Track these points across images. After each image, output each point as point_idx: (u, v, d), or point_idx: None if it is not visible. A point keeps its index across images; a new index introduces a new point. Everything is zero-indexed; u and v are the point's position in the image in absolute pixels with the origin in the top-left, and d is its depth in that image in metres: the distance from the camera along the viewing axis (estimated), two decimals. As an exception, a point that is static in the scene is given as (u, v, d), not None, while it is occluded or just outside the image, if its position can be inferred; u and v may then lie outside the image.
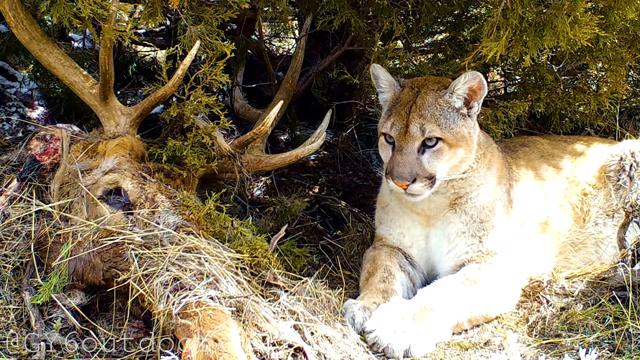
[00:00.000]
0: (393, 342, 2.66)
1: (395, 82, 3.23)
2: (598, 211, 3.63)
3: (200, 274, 2.51)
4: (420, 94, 3.10)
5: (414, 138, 3.00)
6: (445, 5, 4.06)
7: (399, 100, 3.14)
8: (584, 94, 4.14)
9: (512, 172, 3.49)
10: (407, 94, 3.13)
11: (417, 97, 3.08)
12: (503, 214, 3.27)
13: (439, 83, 3.17)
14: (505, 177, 3.38)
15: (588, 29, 3.00)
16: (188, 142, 3.20)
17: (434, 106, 3.05)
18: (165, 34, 5.06)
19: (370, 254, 3.35)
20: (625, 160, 3.68)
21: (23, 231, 2.90)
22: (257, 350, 2.31)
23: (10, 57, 4.49)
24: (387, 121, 3.11)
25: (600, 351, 2.62)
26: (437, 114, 3.04)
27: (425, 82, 3.19)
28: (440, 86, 3.13)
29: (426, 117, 3.02)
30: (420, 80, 3.23)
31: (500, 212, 3.25)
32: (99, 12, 2.90)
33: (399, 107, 3.10)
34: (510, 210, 3.34)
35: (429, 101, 3.06)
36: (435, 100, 3.07)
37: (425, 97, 3.07)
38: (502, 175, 3.36)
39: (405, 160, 2.99)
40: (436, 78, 3.30)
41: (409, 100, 3.09)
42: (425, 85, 3.16)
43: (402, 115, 3.06)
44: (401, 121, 3.04)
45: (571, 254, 3.56)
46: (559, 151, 3.82)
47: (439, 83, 3.17)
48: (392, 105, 3.18)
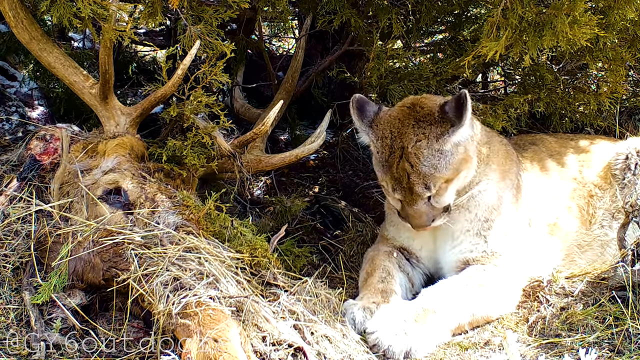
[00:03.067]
0: (394, 343, 2.66)
1: (367, 129, 2.97)
2: (604, 213, 3.61)
3: (200, 273, 2.51)
4: (409, 148, 2.82)
5: (421, 196, 2.87)
6: (445, 5, 4.06)
7: (384, 152, 2.90)
8: (584, 93, 4.13)
9: (520, 166, 3.43)
10: (393, 144, 2.87)
11: (407, 150, 2.82)
12: (510, 211, 3.23)
13: (421, 121, 2.86)
14: (511, 172, 3.30)
15: (588, 29, 3.00)
16: (188, 142, 3.19)
17: (429, 157, 2.82)
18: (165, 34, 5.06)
19: (370, 255, 3.34)
20: (631, 159, 3.65)
21: (23, 231, 2.90)
22: (257, 350, 2.31)
23: (10, 57, 4.48)
24: (386, 182, 2.93)
25: (600, 351, 2.62)
26: (436, 162, 2.83)
27: (405, 123, 2.87)
28: (425, 125, 2.84)
29: (427, 175, 2.82)
30: (397, 121, 2.90)
31: (506, 210, 3.20)
32: (99, 12, 2.90)
33: (391, 165, 2.87)
34: (518, 207, 3.29)
35: (422, 155, 2.81)
36: (428, 148, 2.82)
37: (418, 151, 2.82)
38: (507, 170, 3.28)
39: (419, 212, 2.91)
40: (414, 111, 2.91)
41: (397, 154, 2.85)
42: (407, 129, 2.85)
43: (399, 179, 2.86)
44: (401, 187, 2.87)
45: (577, 255, 3.54)
46: (566, 150, 3.78)
47: (422, 121, 2.86)
48: (380, 158, 2.93)
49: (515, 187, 3.31)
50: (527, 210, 3.37)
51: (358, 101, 3.03)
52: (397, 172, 2.87)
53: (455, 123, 2.85)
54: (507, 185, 3.25)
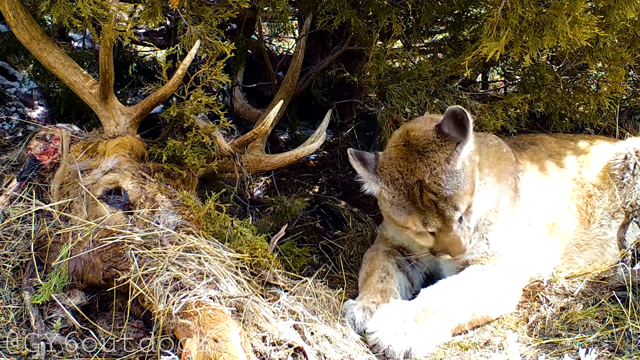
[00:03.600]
0: (394, 343, 2.65)
1: (375, 177, 2.92)
2: (603, 212, 3.61)
3: (200, 273, 2.51)
4: (426, 179, 2.80)
5: (454, 219, 2.85)
6: (445, 5, 4.06)
7: (401, 193, 2.87)
8: (584, 93, 4.14)
9: (518, 166, 3.43)
10: (407, 182, 2.85)
11: (425, 183, 2.80)
12: (509, 212, 3.24)
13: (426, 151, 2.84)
14: (508, 172, 3.31)
15: (588, 29, 3.00)
16: (188, 142, 3.20)
17: (449, 180, 2.81)
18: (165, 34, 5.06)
19: (369, 255, 3.34)
20: (630, 159, 3.66)
21: (23, 231, 2.90)
22: (257, 350, 2.31)
23: (10, 57, 4.49)
24: (412, 219, 2.87)
25: (600, 351, 2.62)
26: (456, 182, 2.82)
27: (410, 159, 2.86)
28: (431, 153, 2.83)
29: (453, 196, 2.80)
30: (402, 160, 2.88)
31: (505, 211, 3.21)
32: (99, 11, 2.90)
33: (415, 202, 2.84)
34: (517, 208, 3.30)
35: (442, 180, 2.80)
36: (445, 173, 2.81)
37: (437, 178, 2.80)
38: (503, 170, 3.28)
39: (456, 238, 2.88)
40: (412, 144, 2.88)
41: (416, 189, 2.82)
42: (416, 164, 2.84)
43: (426, 211, 2.83)
44: (432, 216, 2.83)
45: (576, 254, 3.55)
46: (565, 150, 3.79)
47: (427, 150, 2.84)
48: (398, 201, 2.89)
49: (513, 188, 3.32)
50: (527, 210, 3.38)
51: (357, 154, 3.01)
52: (422, 205, 2.84)
53: (460, 140, 2.84)
54: (504, 186, 3.26)
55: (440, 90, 3.99)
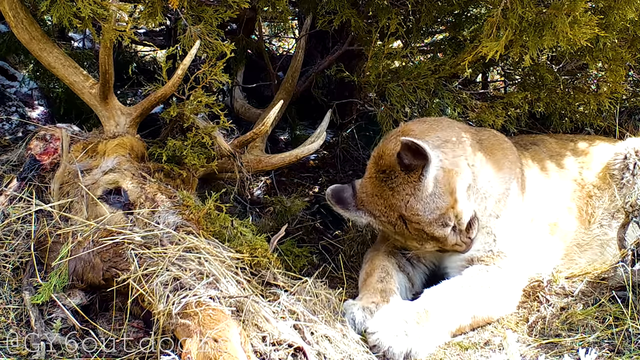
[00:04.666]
0: (394, 344, 2.65)
1: (359, 213, 3.01)
2: (603, 212, 3.62)
3: (200, 273, 2.51)
4: (404, 213, 2.89)
5: (445, 235, 2.95)
6: (445, 5, 4.06)
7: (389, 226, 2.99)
8: (584, 93, 4.14)
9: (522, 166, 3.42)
10: (390, 219, 2.95)
11: (405, 216, 2.90)
12: (517, 200, 3.23)
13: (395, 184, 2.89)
14: (509, 161, 3.29)
15: (588, 29, 3.01)
16: (188, 142, 3.19)
17: (425, 206, 2.88)
18: (165, 34, 5.06)
19: (369, 255, 3.34)
20: (630, 159, 3.67)
21: (23, 231, 2.90)
22: (257, 350, 2.31)
23: (10, 57, 4.49)
24: (410, 243, 3.04)
25: (600, 351, 2.62)
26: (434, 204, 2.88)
27: (384, 195, 2.93)
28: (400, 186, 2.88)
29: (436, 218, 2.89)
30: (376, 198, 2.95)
31: (513, 200, 3.21)
32: (99, 11, 2.90)
33: (403, 233, 2.97)
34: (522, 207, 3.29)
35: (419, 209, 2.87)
36: (419, 202, 2.87)
37: (413, 210, 2.87)
38: (501, 158, 3.27)
39: (457, 243, 3.02)
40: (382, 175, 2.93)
41: (400, 223, 2.93)
42: (390, 200, 2.91)
43: (419, 236, 2.96)
44: (426, 240, 2.96)
45: (576, 255, 3.55)
46: (566, 151, 3.80)
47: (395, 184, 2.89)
48: (390, 230, 3.04)
49: (520, 177, 3.31)
50: (530, 207, 3.38)
51: (333, 195, 3.06)
52: (412, 234, 2.96)
53: (423, 164, 2.83)
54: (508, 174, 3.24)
55: (440, 89, 3.99)
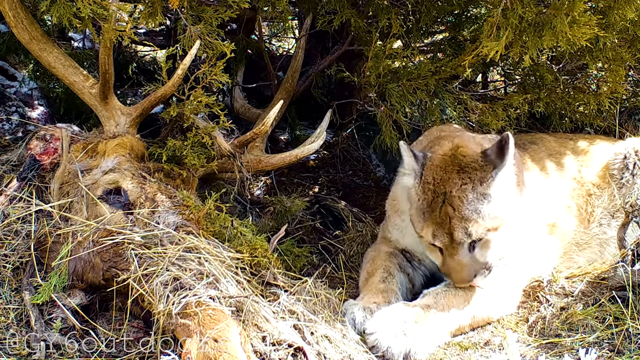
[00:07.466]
0: (393, 345, 2.64)
1: (419, 173, 2.88)
2: (602, 212, 3.62)
3: (200, 273, 2.51)
4: (453, 192, 2.76)
5: (462, 243, 2.78)
6: (445, 5, 4.06)
7: (426, 198, 2.83)
8: (584, 93, 4.14)
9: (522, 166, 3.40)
10: (436, 190, 2.80)
11: (450, 194, 2.76)
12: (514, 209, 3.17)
13: (465, 167, 2.81)
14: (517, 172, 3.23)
15: (587, 29, 3.01)
16: (188, 142, 3.20)
17: (472, 200, 2.75)
18: (165, 34, 5.06)
19: (370, 255, 3.34)
20: (629, 159, 3.67)
21: (23, 231, 2.90)
22: (257, 350, 2.31)
23: (10, 57, 4.49)
24: (426, 228, 2.84)
25: (600, 351, 2.62)
26: (479, 206, 2.75)
27: (449, 170, 2.81)
28: (469, 170, 2.80)
29: (469, 219, 2.74)
30: (440, 169, 2.84)
31: (514, 200, 3.14)
32: (99, 11, 2.90)
33: (433, 211, 2.80)
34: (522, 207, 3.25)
35: (466, 198, 2.75)
36: (473, 192, 2.76)
37: (462, 194, 2.75)
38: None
39: (461, 264, 2.82)
40: (456, 159, 2.85)
41: (440, 199, 2.78)
42: (451, 175, 2.79)
43: (440, 224, 2.78)
44: (442, 232, 2.79)
45: (575, 254, 3.55)
46: (565, 150, 3.79)
47: (466, 166, 2.81)
48: (421, 205, 2.86)
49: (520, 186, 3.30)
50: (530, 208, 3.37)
51: (410, 146, 2.98)
52: (439, 216, 2.80)
53: (497, 164, 2.80)
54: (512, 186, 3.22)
55: (440, 90, 3.99)
